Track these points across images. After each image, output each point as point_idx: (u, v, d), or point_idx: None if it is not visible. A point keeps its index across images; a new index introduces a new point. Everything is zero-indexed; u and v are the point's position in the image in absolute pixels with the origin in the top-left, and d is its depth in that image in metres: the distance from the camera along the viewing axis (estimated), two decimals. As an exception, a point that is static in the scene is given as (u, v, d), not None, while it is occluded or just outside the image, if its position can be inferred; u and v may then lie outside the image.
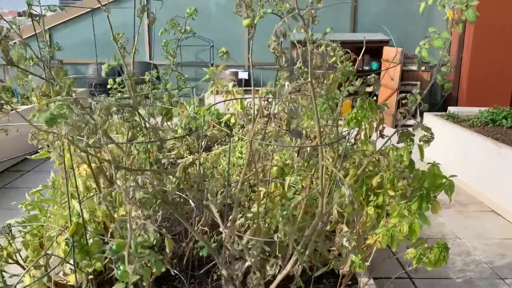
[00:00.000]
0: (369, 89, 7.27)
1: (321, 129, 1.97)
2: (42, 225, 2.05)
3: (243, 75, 8.96)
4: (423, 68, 8.85)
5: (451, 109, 7.17)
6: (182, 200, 2.41)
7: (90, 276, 1.97)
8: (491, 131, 5.98)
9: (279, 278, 2.04)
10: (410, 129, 1.98)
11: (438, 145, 6.71)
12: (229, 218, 1.91)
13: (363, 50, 1.99)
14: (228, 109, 5.30)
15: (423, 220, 1.90)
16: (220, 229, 1.65)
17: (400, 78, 8.44)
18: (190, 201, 2.12)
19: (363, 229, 2.13)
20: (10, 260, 2.05)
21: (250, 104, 3.10)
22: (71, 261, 1.87)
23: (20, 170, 6.21)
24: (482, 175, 5.53)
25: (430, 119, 6.95)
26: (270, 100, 1.76)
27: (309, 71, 1.49)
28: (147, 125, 1.73)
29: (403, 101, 8.74)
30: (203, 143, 3.79)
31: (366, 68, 9.61)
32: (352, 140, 2.01)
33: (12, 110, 1.92)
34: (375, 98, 7.67)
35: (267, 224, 2.19)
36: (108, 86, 2.40)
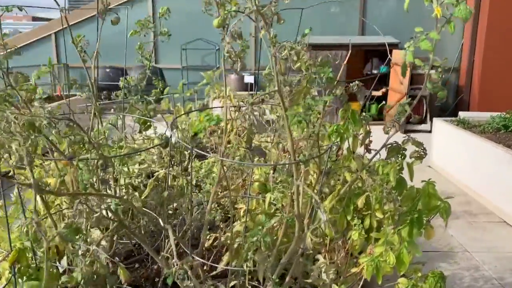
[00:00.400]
0: (377, 93, 6.95)
1: (300, 144, 1.74)
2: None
3: (249, 79, 8.73)
4: (433, 71, 8.51)
5: (461, 114, 6.86)
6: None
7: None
8: (502, 138, 5.66)
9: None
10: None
11: (447, 152, 6.43)
12: (200, 242, 1.69)
13: (348, 54, 1.75)
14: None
15: (413, 249, 1.64)
16: (173, 261, 1.43)
17: (410, 82, 8.13)
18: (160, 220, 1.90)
19: (351, 252, 1.89)
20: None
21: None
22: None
23: (19, 176, 6.04)
24: (493, 184, 5.21)
25: (440, 124, 6.64)
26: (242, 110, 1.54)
27: (276, 78, 1.27)
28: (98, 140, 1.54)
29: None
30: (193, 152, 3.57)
31: (375, 71, 9.32)
32: (337, 155, 1.77)
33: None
34: (384, 102, 7.31)
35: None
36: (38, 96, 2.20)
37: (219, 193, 1.95)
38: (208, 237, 2.13)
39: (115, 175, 1.86)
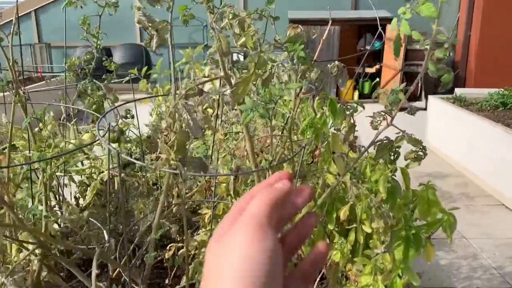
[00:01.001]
0: (370, 70, 6.48)
1: (267, 142, 1.37)
2: None
3: (239, 58, 8.27)
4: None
5: (458, 91, 6.46)
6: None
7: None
8: (501, 116, 5.29)
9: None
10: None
11: (443, 131, 6.05)
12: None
13: (327, 30, 1.36)
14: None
15: (410, 275, 1.29)
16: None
17: (404, 58, 7.72)
18: (106, 235, 1.54)
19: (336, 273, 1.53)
20: None
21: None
22: None
23: None
24: (491, 165, 4.87)
25: (435, 102, 6.26)
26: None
27: (220, 60, 0.89)
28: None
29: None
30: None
31: (369, 47, 8.87)
32: (314, 156, 1.39)
33: None
34: (378, 79, 6.83)
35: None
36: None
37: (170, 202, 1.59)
38: (168, 248, 1.77)
39: (44, 180, 1.50)
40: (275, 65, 1.21)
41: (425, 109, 6.99)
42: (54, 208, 2.08)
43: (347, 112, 1.29)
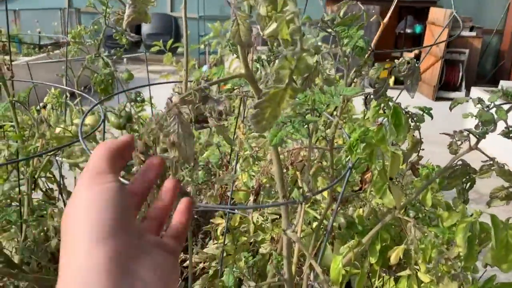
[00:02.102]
0: (409, 55, 5.95)
1: (301, 155, 1.04)
2: None
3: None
4: (473, 33, 7.47)
5: (503, 84, 5.91)
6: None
7: None
8: (553, 116, 4.77)
9: None
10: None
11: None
12: None
13: (390, 11, 1.00)
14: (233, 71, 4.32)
15: None
16: None
17: (446, 44, 7.15)
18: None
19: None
20: None
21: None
22: None
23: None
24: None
25: (478, 94, 5.74)
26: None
27: (240, 53, 0.56)
28: None
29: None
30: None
31: (408, 31, 8.30)
32: (362, 182, 1.05)
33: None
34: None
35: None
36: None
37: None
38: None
39: (27, 176, 1.23)
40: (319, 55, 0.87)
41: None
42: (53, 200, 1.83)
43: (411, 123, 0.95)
